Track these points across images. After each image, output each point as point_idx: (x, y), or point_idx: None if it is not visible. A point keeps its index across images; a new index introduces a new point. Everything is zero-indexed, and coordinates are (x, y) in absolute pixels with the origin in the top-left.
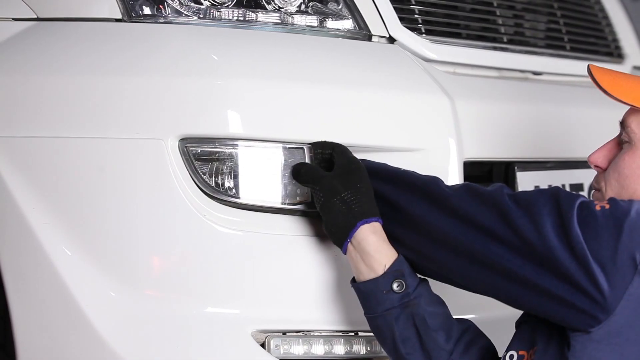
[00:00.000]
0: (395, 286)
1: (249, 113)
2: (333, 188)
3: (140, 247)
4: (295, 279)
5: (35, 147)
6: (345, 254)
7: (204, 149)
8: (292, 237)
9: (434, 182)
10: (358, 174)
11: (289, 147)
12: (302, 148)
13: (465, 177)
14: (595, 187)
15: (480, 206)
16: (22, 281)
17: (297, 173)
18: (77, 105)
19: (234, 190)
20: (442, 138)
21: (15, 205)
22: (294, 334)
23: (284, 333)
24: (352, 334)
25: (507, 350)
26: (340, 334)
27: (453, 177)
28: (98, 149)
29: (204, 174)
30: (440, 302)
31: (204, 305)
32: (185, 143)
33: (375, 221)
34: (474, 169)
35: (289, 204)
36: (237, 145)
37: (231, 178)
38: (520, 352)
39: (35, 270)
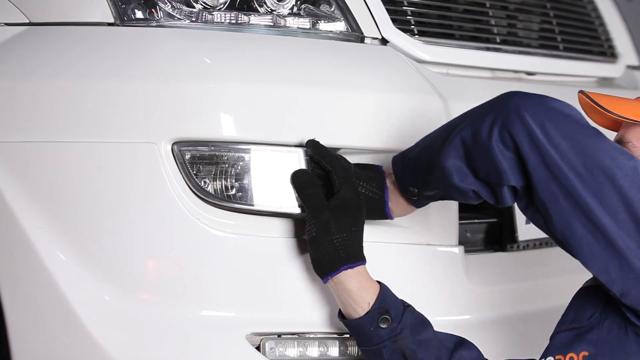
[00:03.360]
0: (381, 324)
1: (242, 116)
2: (327, 228)
3: (135, 251)
4: (289, 282)
5: (29, 151)
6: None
7: (197, 152)
8: (286, 240)
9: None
10: (356, 215)
11: (283, 150)
12: (296, 152)
13: None
14: None
15: None
16: (17, 286)
17: (301, 192)
18: (70, 109)
19: (227, 193)
20: None
21: (9, 210)
22: (289, 336)
23: (279, 335)
24: (347, 335)
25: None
26: (335, 336)
27: None
28: (92, 153)
29: (198, 178)
30: (425, 324)
31: (199, 309)
32: (179, 146)
33: (359, 265)
34: None
35: (283, 207)
36: (230, 149)
37: (225, 181)
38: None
39: (29, 274)
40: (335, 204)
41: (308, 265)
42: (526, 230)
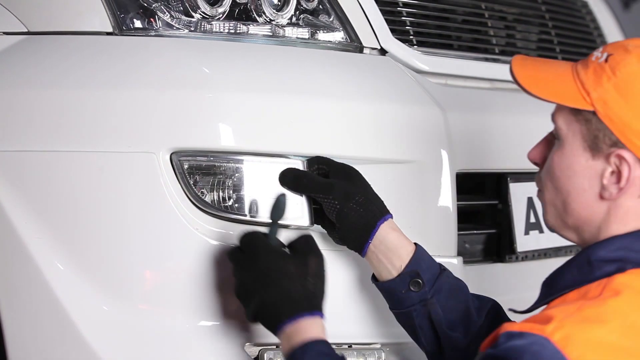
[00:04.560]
0: (412, 286)
1: (240, 126)
2: (347, 193)
3: (133, 260)
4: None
5: (27, 161)
6: (364, 257)
7: (195, 162)
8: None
9: None
10: (359, 176)
11: (282, 161)
12: (295, 162)
13: (458, 189)
14: (537, 187)
15: None
16: (15, 296)
17: (299, 183)
18: (68, 118)
19: (226, 204)
20: (434, 150)
21: (7, 220)
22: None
23: (277, 346)
24: (346, 346)
25: None
26: (334, 346)
27: (445, 189)
28: (90, 162)
29: (196, 188)
30: (460, 290)
31: (197, 319)
32: (177, 156)
33: (390, 217)
34: (466, 181)
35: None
36: (229, 159)
37: (223, 191)
38: None
39: (27, 284)
40: (340, 175)
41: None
42: (525, 241)
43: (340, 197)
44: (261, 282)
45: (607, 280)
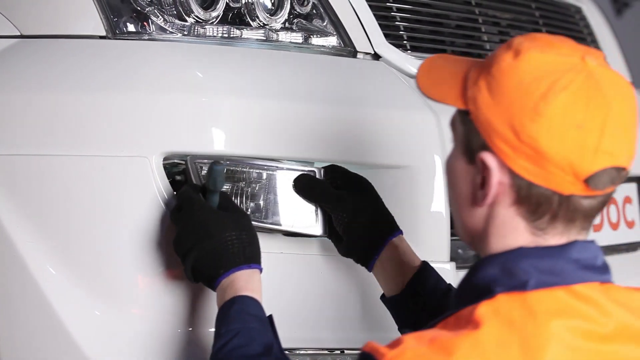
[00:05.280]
0: (412, 304)
1: (233, 130)
2: (357, 208)
3: (125, 265)
4: (278, 298)
5: (19, 164)
6: (370, 271)
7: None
8: (274, 255)
9: None
10: (371, 189)
11: (275, 165)
12: (287, 166)
13: None
14: None
15: None
16: (6, 300)
17: (311, 192)
18: (60, 122)
19: None
20: (427, 154)
21: None
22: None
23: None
24: (338, 352)
25: None
26: (326, 352)
27: (439, 194)
28: (83, 167)
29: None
30: None
31: (189, 324)
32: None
33: (400, 233)
34: None
35: (275, 222)
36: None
37: None
38: None
39: (19, 289)
40: (352, 187)
41: (300, 281)
42: None
43: (350, 211)
44: (197, 235)
45: (472, 309)
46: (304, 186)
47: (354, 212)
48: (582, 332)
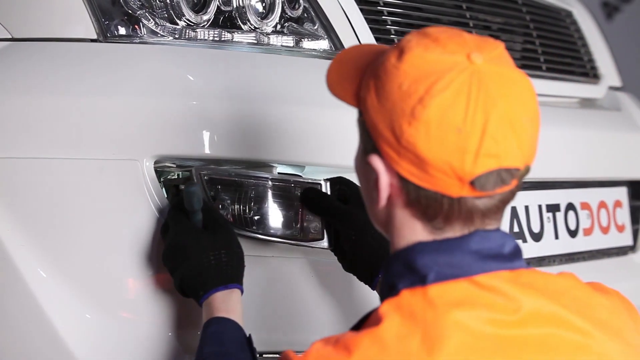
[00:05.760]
0: None
1: (224, 134)
2: (365, 225)
3: (116, 268)
4: (269, 302)
5: (10, 168)
6: (374, 289)
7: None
8: (268, 258)
9: None
10: None
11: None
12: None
13: None
14: None
15: None
16: None
17: (318, 206)
18: (52, 126)
19: None
20: None
21: None
22: (270, 355)
23: (261, 355)
24: None
25: None
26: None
27: None
28: (74, 170)
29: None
30: None
31: (178, 328)
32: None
33: None
34: None
35: (278, 235)
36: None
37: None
38: None
39: (10, 292)
40: (360, 201)
41: (286, 285)
42: None
43: (358, 229)
44: (176, 257)
45: (379, 307)
46: (311, 200)
47: (362, 230)
48: (486, 320)
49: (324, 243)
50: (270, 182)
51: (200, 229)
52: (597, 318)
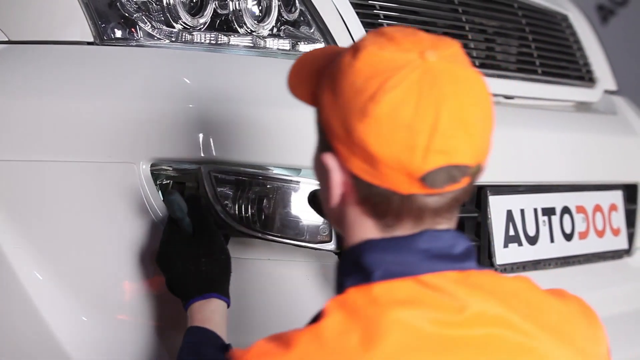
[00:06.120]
0: None
1: (221, 137)
2: None
3: (112, 271)
4: (263, 307)
5: (6, 170)
6: None
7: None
8: (262, 262)
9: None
10: None
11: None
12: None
13: None
14: None
15: None
16: None
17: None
18: (47, 128)
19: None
20: None
21: None
22: None
23: None
24: None
25: None
26: None
27: None
28: (71, 172)
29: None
30: None
31: (174, 331)
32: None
33: None
34: None
35: (286, 236)
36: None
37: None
38: None
39: (6, 294)
40: None
41: (281, 288)
42: (504, 254)
43: None
44: (165, 264)
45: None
46: (318, 204)
47: None
48: (429, 319)
49: (332, 245)
50: (278, 184)
51: (187, 236)
52: (547, 322)
